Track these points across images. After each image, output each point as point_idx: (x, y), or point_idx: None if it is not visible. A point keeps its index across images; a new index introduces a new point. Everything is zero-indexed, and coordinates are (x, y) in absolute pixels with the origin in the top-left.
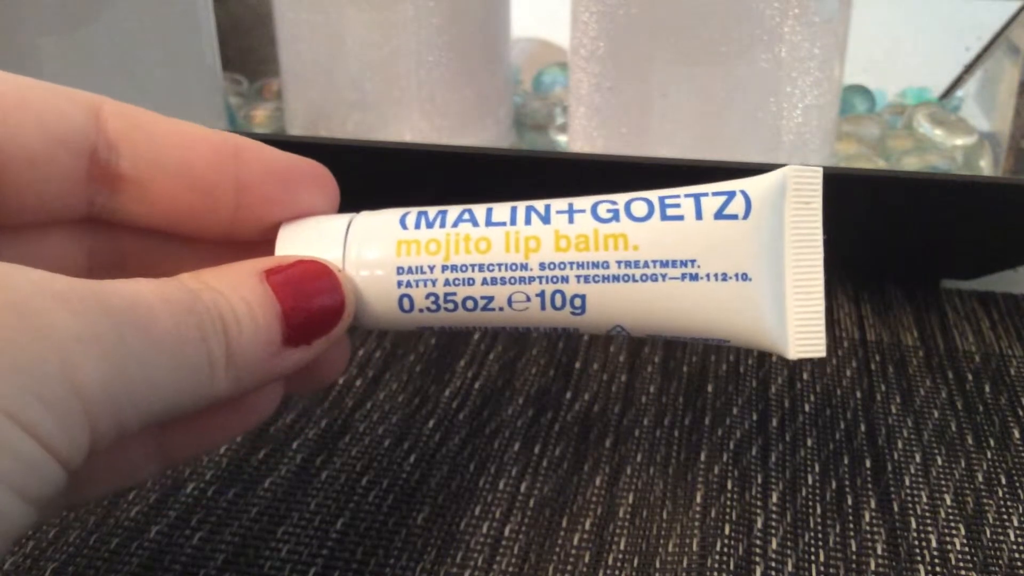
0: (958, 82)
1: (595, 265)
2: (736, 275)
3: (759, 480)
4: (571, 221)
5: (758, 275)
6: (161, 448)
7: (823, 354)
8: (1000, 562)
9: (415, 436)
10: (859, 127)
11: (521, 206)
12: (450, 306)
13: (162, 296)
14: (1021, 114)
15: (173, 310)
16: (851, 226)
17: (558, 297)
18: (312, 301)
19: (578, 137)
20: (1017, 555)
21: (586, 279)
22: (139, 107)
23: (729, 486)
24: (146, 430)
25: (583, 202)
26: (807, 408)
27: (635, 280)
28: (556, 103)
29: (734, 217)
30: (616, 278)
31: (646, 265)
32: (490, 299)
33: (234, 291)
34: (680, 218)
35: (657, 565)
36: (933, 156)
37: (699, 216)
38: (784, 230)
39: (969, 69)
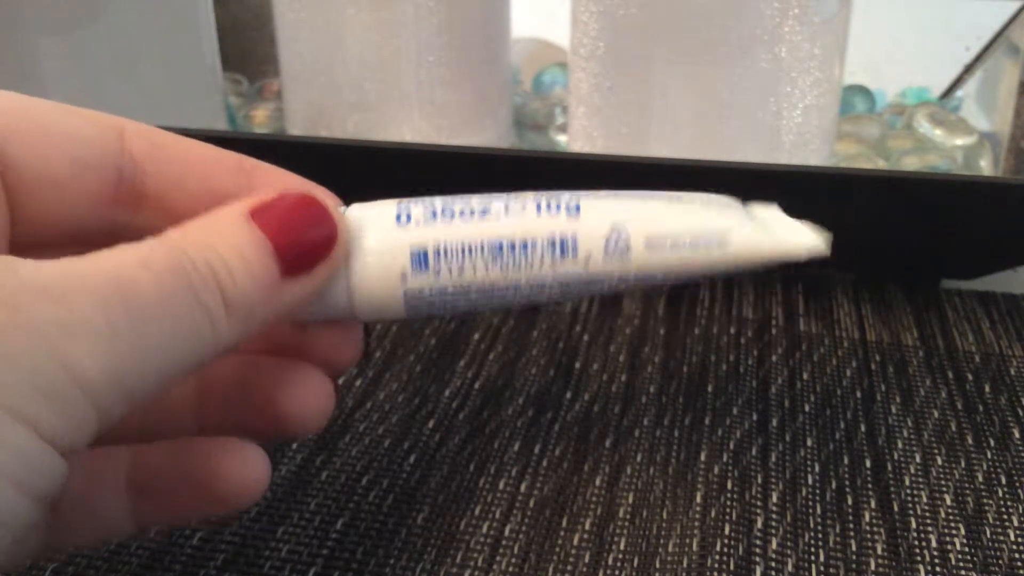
0: (958, 82)
1: (587, 193)
2: (720, 202)
3: (759, 480)
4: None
5: (740, 206)
6: (134, 511)
7: (824, 250)
8: (1000, 562)
9: (415, 436)
10: (859, 127)
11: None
12: (448, 216)
13: (144, 264)
14: (1021, 114)
15: (158, 277)
16: (851, 226)
17: (553, 203)
18: (302, 232)
19: (578, 137)
20: (1017, 555)
21: (580, 195)
22: (156, 128)
23: (729, 486)
24: (120, 490)
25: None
26: (807, 408)
27: (627, 198)
28: (556, 103)
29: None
30: (608, 195)
31: (634, 195)
32: (486, 210)
33: (221, 238)
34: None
35: (657, 565)
36: (933, 156)
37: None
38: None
39: (969, 69)
